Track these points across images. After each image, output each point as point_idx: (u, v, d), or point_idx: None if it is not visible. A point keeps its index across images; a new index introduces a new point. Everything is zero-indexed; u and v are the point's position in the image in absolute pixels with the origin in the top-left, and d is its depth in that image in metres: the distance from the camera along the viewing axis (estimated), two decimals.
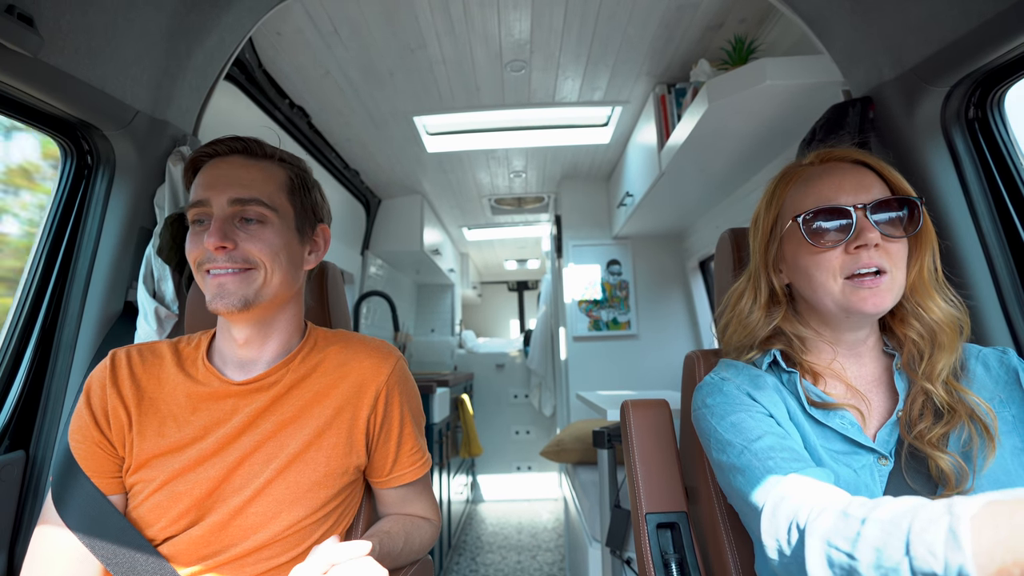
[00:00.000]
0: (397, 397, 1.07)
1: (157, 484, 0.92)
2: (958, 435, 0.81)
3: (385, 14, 1.98)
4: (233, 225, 0.93)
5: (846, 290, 0.85)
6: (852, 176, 0.88)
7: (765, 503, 0.74)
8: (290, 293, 1.02)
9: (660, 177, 2.58)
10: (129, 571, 0.87)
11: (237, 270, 0.92)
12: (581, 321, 3.79)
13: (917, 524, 0.52)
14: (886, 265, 0.84)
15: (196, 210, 0.94)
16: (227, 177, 0.95)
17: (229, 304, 0.91)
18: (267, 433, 0.96)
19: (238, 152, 0.99)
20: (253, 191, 0.94)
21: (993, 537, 0.46)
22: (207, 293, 0.93)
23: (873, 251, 0.84)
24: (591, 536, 2.33)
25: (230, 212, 0.93)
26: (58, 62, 1.06)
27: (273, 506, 0.93)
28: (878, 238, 0.83)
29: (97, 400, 0.96)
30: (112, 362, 0.99)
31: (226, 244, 0.90)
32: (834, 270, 0.86)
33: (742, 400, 0.90)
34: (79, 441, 0.94)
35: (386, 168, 3.52)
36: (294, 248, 1.00)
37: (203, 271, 0.93)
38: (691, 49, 2.26)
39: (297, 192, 1.02)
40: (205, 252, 0.92)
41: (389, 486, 1.09)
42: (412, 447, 1.09)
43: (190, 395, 0.97)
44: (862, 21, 1.24)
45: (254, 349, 1.01)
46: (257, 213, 0.94)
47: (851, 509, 0.61)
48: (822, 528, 0.62)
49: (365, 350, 1.08)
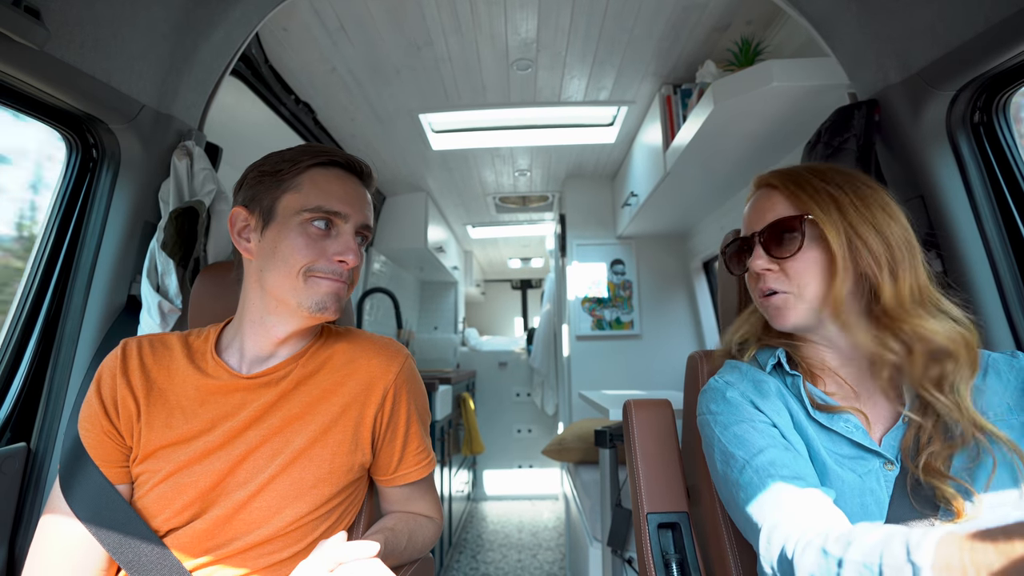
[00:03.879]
0: (405, 396, 1.07)
1: (163, 475, 0.92)
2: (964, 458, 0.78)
3: (392, 11, 1.98)
4: (354, 244, 1.00)
5: (763, 307, 0.93)
6: (760, 202, 0.94)
7: (762, 526, 0.75)
8: None
9: (665, 177, 2.57)
10: (134, 560, 0.88)
11: (346, 283, 1.00)
12: (584, 320, 3.79)
13: (887, 571, 0.55)
14: (780, 286, 0.89)
15: (326, 216, 0.97)
16: (362, 201, 1.03)
17: (337, 312, 0.99)
18: (273, 428, 0.97)
19: (363, 176, 1.06)
20: (370, 219, 1.04)
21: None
22: (313, 297, 0.96)
23: (766, 275, 0.89)
24: (592, 535, 2.33)
25: (357, 233, 1.01)
26: (64, 55, 1.06)
27: (277, 501, 0.94)
28: (764, 263, 0.89)
29: (107, 389, 0.96)
30: (123, 351, 1.00)
31: (357, 263, 0.99)
32: (754, 291, 0.94)
33: (746, 410, 0.89)
34: (88, 429, 0.95)
35: (391, 165, 3.52)
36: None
37: (314, 277, 0.97)
38: (697, 50, 2.26)
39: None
40: (328, 263, 0.97)
41: (394, 484, 1.10)
42: (418, 446, 1.10)
43: (199, 387, 0.98)
44: (869, 24, 1.24)
45: (287, 347, 1.04)
46: (365, 237, 1.04)
47: (829, 546, 0.63)
48: (806, 566, 0.64)
49: (374, 348, 1.09)
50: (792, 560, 0.66)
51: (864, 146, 1.25)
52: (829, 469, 0.83)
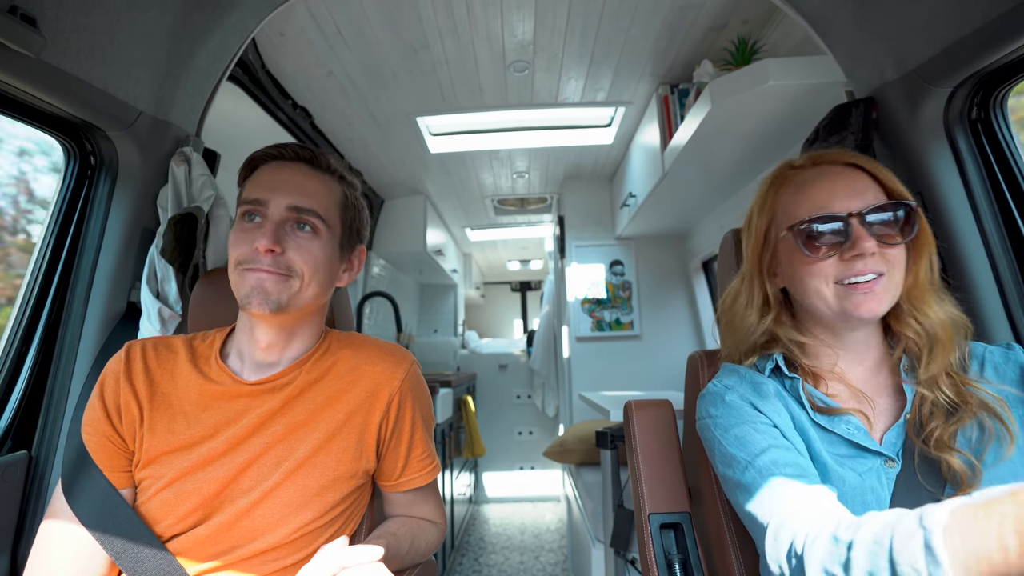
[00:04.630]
0: (410, 403, 1.07)
1: (165, 481, 0.92)
2: (967, 434, 0.80)
3: (388, 14, 1.98)
4: (285, 231, 0.94)
5: (840, 294, 0.85)
6: (845, 180, 0.87)
7: (768, 524, 0.74)
8: (318, 305, 1.04)
9: (663, 178, 2.58)
10: (137, 566, 0.87)
11: (279, 274, 0.93)
12: (584, 321, 3.79)
13: (897, 541, 0.54)
14: (883, 269, 0.83)
15: (250, 207, 0.95)
16: (290, 183, 0.97)
17: (263, 305, 0.92)
18: (278, 436, 0.96)
19: (303, 160, 1.01)
20: (312, 202, 0.97)
21: (964, 546, 0.48)
22: (241, 290, 0.93)
23: (869, 259, 0.83)
24: (594, 537, 2.33)
25: (285, 217, 0.95)
26: (61, 62, 1.06)
27: (281, 509, 0.93)
28: (874, 247, 0.82)
29: (110, 393, 0.96)
30: (127, 355, 0.99)
31: (275, 248, 0.92)
32: (827, 276, 0.85)
33: (745, 411, 0.89)
34: (90, 434, 0.95)
35: (389, 169, 3.52)
36: (333, 264, 1.03)
37: (242, 269, 0.93)
38: (694, 50, 2.26)
39: (348, 210, 1.05)
40: (251, 253, 0.92)
41: (398, 490, 1.09)
42: (422, 452, 1.09)
43: (202, 393, 0.97)
44: (865, 22, 1.24)
45: (274, 353, 1.01)
46: (311, 224, 0.96)
47: (839, 532, 0.62)
48: (817, 556, 0.63)
49: (379, 354, 1.08)
50: (802, 554, 0.65)
51: (862, 144, 1.25)
52: (830, 469, 0.83)
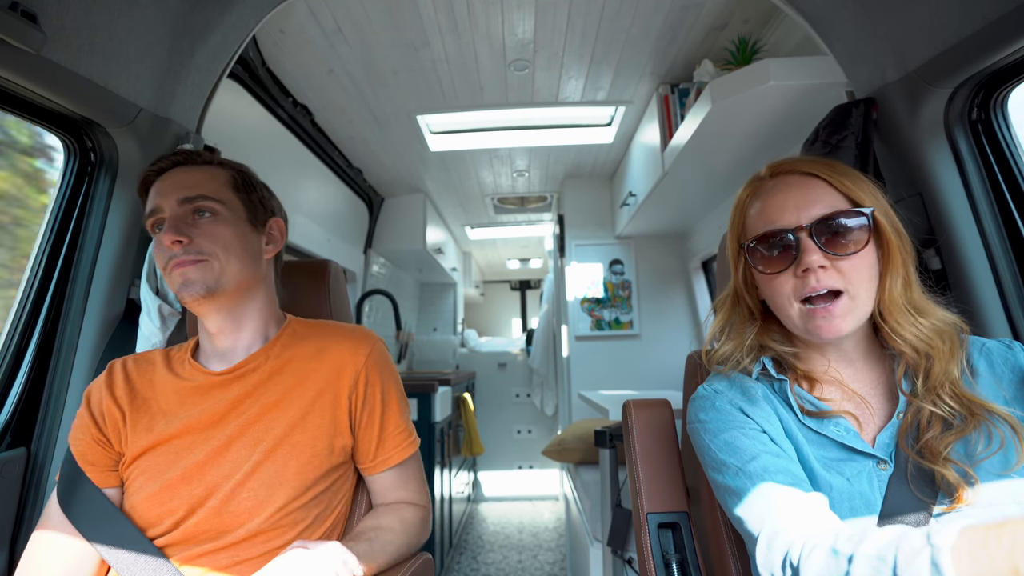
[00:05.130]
0: (377, 378, 1.11)
1: (150, 475, 0.97)
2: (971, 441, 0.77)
3: (388, 12, 1.98)
4: (186, 222, 1.01)
5: (803, 315, 0.83)
6: (797, 192, 0.85)
7: (760, 533, 0.73)
8: (253, 281, 1.08)
9: (663, 177, 2.58)
10: (132, 567, 0.90)
11: (195, 261, 0.99)
12: (583, 320, 3.79)
13: (902, 558, 0.53)
14: (839, 285, 0.81)
15: (153, 219, 1.03)
16: (174, 183, 1.03)
17: (194, 292, 0.99)
18: (252, 418, 1.01)
19: (180, 164, 1.08)
20: (199, 189, 1.03)
21: (972, 567, 0.48)
22: (174, 287, 1.00)
23: (821, 273, 0.80)
24: (592, 536, 2.33)
25: (181, 211, 1.01)
26: (61, 59, 1.06)
27: (263, 489, 0.96)
28: (820, 259, 0.80)
29: (95, 402, 1.04)
30: (109, 371, 1.08)
31: (181, 238, 0.98)
32: (788, 296, 0.84)
33: (735, 417, 0.88)
34: (78, 438, 1.02)
35: (389, 167, 3.52)
36: (248, 238, 1.08)
37: (167, 271, 1.01)
38: (695, 49, 2.26)
39: (242, 189, 1.10)
40: (167, 251, 0.99)
41: (379, 470, 1.11)
42: (396, 427, 1.12)
43: (178, 391, 1.04)
44: (866, 22, 1.24)
45: (228, 338, 1.08)
46: (206, 207, 1.03)
47: (839, 545, 0.61)
48: (814, 568, 0.62)
49: (342, 333, 1.15)
50: (798, 565, 0.64)
51: (862, 144, 1.25)
52: (817, 474, 0.82)
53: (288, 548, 0.85)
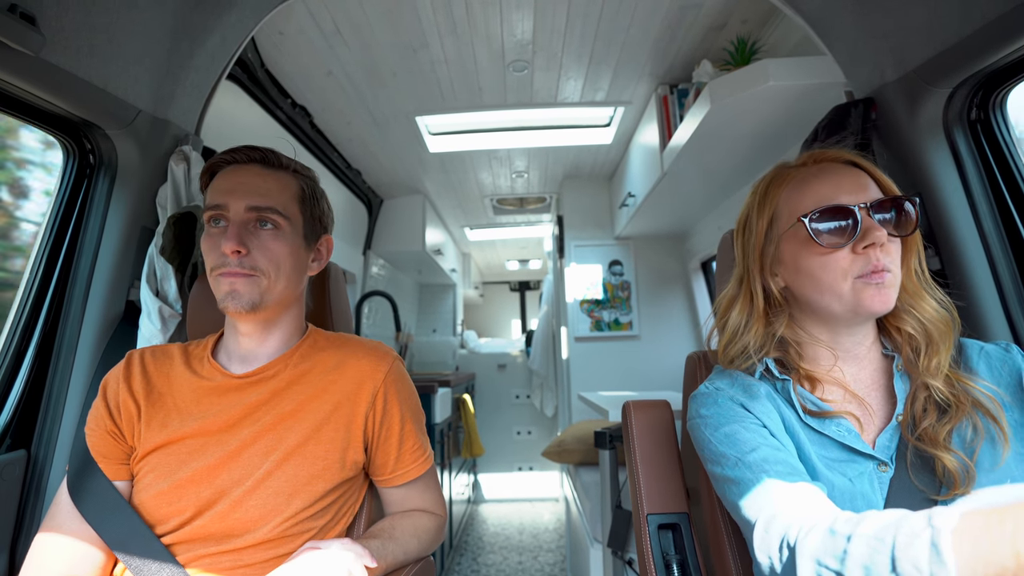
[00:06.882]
0: (395, 396, 1.10)
1: (161, 473, 0.96)
2: (962, 433, 0.80)
3: (387, 14, 1.98)
4: (248, 230, 0.99)
5: (855, 290, 0.83)
6: (848, 176, 0.87)
7: (758, 519, 0.73)
8: (293, 296, 1.09)
9: (662, 178, 2.58)
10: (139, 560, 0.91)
11: (247, 275, 0.97)
12: (583, 321, 3.79)
13: (901, 539, 0.53)
14: (890, 264, 0.83)
15: (213, 212, 1.00)
16: (245, 185, 1.00)
17: (239, 306, 0.97)
18: (266, 425, 1.00)
19: (256, 161, 1.05)
20: (269, 200, 1.01)
21: (973, 551, 0.47)
22: (219, 293, 0.98)
23: (879, 250, 0.82)
24: (592, 537, 2.33)
25: (246, 218, 0.99)
26: (60, 61, 1.06)
27: (272, 498, 0.96)
28: (884, 237, 0.82)
29: (111, 393, 1.03)
30: (127, 361, 1.07)
31: (241, 249, 0.96)
32: (843, 271, 0.84)
33: (735, 411, 0.88)
34: (93, 429, 1.01)
35: (388, 168, 3.52)
36: (300, 255, 1.06)
37: (216, 275, 0.98)
38: (693, 50, 2.26)
39: (307, 202, 1.08)
40: (221, 257, 0.97)
41: (393, 484, 1.12)
42: (414, 444, 1.12)
43: (195, 389, 1.03)
44: (865, 22, 1.24)
45: (255, 342, 1.07)
46: (272, 219, 1.00)
47: (837, 526, 0.61)
48: (811, 547, 0.62)
49: (363, 350, 1.13)
50: (794, 546, 0.64)
51: (861, 144, 1.25)
52: (819, 472, 0.82)
53: (300, 550, 0.86)
